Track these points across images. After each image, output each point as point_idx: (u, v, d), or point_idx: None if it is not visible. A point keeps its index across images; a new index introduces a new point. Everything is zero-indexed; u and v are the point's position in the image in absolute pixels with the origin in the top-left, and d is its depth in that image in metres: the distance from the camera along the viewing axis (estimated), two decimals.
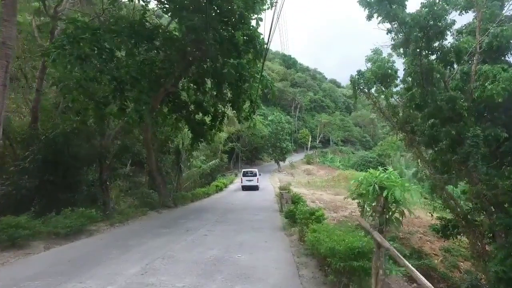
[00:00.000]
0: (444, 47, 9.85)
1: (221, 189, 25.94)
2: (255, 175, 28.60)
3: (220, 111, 14.95)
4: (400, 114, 12.67)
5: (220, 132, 16.23)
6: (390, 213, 4.25)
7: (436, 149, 12.20)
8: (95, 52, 8.91)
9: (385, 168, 4.82)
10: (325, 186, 33.42)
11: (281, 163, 51.33)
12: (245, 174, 28.85)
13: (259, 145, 51.80)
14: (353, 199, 14.93)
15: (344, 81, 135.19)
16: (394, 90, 13.29)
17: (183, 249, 7.17)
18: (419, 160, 13.66)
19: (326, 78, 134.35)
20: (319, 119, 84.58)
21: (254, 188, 27.65)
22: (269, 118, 52.44)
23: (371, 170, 4.56)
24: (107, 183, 21.94)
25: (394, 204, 4.12)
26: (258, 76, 11.72)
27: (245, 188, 27.71)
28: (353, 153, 78.46)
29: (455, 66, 11.25)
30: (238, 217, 12.26)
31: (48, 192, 11.43)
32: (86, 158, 15.87)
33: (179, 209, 14.03)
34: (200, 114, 15.52)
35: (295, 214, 9.59)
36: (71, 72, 8.81)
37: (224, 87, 13.73)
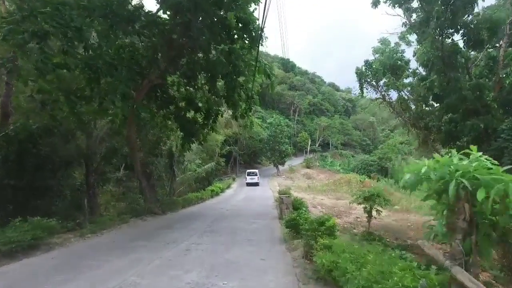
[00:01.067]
0: (472, 22, 8.35)
1: (217, 194, 24.37)
2: (256, 174, 37.94)
3: (213, 108, 13.45)
4: (413, 109, 11.21)
5: (213, 132, 14.73)
6: (482, 232, 2.59)
7: (453, 146, 10.70)
8: (58, 29, 7.40)
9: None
10: (326, 190, 31.85)
11: (280, 167, 49.78)
12: (249, 174, 38.07)
13: (257, 149, 50.30)
14: (359, 203, 13.26)
15: (343, 85, 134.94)
16: (406, 81, 11.85)
17: (153, 272, 5.54)
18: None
19: (325, 82, 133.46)
20: (318, 123, 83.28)
21: (255, 184, 35.98)
22: (268, 121, 51.01)
23: (436, 155, 2.93)
24: (95, 188, 20.49)
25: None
26: (254, 64, 10.19)
27: (249, 184, 36.26)
28: (353, 157, 77.09)
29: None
30: (232, 225, 10.78)
31: (10, 198, 9.84)
32: (65, 160, 14.33)
33: (166, 217, 12.45)
34: (192, 112, 14.01)
35: (298, 223, 8.11)
36: (28, 54, 7.31)
37: (217, 81, 12.23)
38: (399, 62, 12.21)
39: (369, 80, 11.87)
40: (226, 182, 34.25)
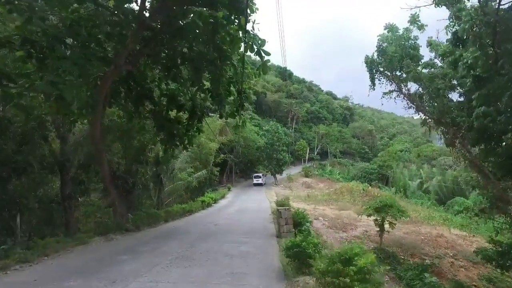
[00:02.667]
0: None
1: (209, 205, 22.31)
2: (261, 177, 45.34)
3: (199, 106, 11.59)
4: (437, 100, 9.39)
5: (199, 133, 12.82)
6: None
7: (488, 146, 8.83)
8: None
9: None
10: (327, 200, 29.89)
11: (278, 176, 47.80)
12: (255, 177, 45.65)
13: (254, 157, 48.34)
14: (369, 215, 11.29)
15: (340, 93, 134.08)
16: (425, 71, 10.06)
17: None
18: (465, 162, 10.23)
19: (323, 90, 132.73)
20: (316, 130, 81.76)
21: (261, 185, 43.77)
22: (264, 128, 49.23)
23: None
24: (71, 199, 18.41)
25: None
26: (240, 38, 8.32)
27: (255, 184, 44.53)
28: (352, 165, 75.40)
29: None
30: (215, 247, 8.58)
31: None
32: (24, 167, 12.36)
33: (139, 235, 10.19)
34: (175, 112, 12.14)
35: (305, 253, 5.97)
36: None
37: (202, 73, 10.38)
38: (411, 51, 10.48)
39: (381, 69, 10.11)
40: (220, 192, 32.18)
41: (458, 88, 8.82)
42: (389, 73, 10.09)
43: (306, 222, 9.65)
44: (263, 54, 6.58)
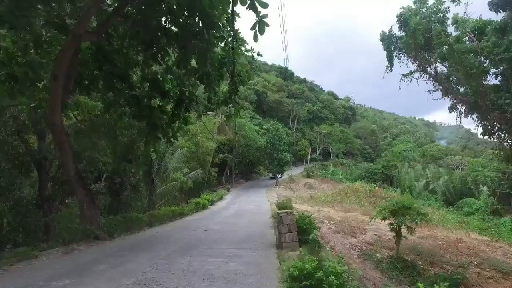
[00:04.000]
0: None
1: (204, 207, 20.62)
2: (277, 176, 46.27)
3: (186, 92, 9.95)
4: (473, 80, 7.70)
5: (186, 125, 11.12)
6: None
7: None
8: None
9: None
10: (331, 202, 28.16)
11: (279, 176, 46.06)
12: (271, 178, 48.55)
13: (254, 157, 46.63)
14: (383, 219, 9.48)
15: (342, 95, 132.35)
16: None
17: None
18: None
19: (324, 90, 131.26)
20: (318, 130, 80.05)
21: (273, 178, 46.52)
22: (264, 127, 47.54)
23: None
24: (52, 202, 16.79)
25: None
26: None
27: (271, 178, 47.65)
28: (354, 166, 73.69)
29: None
30: (195, 264, 6.57)
31: None
32: None
33: (109, 244, 8.25)
34: (161, 100, 10.49)
35: None
36: None
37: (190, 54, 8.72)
38: (438, 25, 8.81)
39: (401, 45, 8.44)
40: (218, 193, 30.47)
41: (503, 65, 7.14)
42: (411, 49, 8.39)
43: (313, 230, 7.94)
44: (258, 7, 4.96)
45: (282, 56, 79.20)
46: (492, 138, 9.25)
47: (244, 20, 7.93)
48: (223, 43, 8.57)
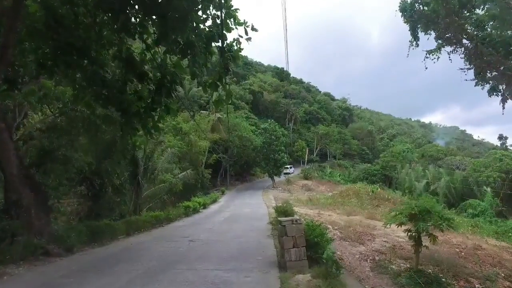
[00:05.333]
0: None
1: (195, 211, 18.89)
2: (291, 167, 56.25)
3: (168, 75, 8.23)
4: None
5: (168, 113, 9.34)
6: None
7: None
8: None
9: None
10: (332, 204, 26.56)
11: (275, 178, 44.38)
12: (285, 168, 48.93)
13: (250, 158, 44.91)
14: (398, 225, 8.15)
15: (338, 95, 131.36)
16: None
17: None
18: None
19: (320, 91, 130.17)
20: (315, 131, 78.62)
21: (290, 173, 53.32)
22: (261, 126, 45.85)
23: None
24: (20, 207, 14.99)
25: None
26: None
27: (285, 174, 49.93)
28: (352, 167, 72.40)
29: None
30: None
31: None
32: None
33: (61, 263, 6.22)
34: (139, 83, 8.76)
35: None
36: None
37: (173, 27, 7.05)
38: None
39: (428, 13, 6.85)
40: (212, 195, 28.76)
41: None
42: (442, 17, 6.80)
43: (326, 243, 6.21)
44: None
45: (279, 57, 78.12)
46: None
47: None
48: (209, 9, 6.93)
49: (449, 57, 8.11)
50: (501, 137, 76.82)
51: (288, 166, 53.64)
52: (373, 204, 25.82)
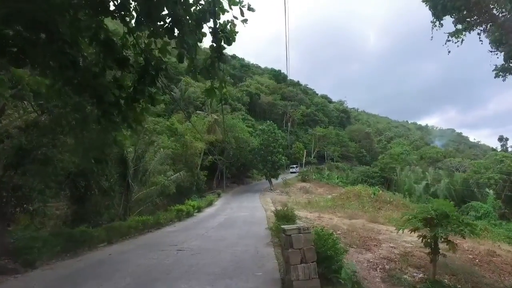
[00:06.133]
0: None
1: (189, 215, 17.81)
2: (297, 166, 62.34)
3: (154, 61, 7.20)
4: None
5: (154, 105, 8.28)
6: None
7: None
8: None
9: None
10: (332, 207, 25.58)
11: (273, 180, 43.32)
12: (291, 167, 60.53)
13: (247, 160, 43.84)
14: (412, 230, 7.17)
15: (335, 98, 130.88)
16: None
17: None
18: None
19: (317, 94, 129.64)
20: (313, 133, 77.77)
21: (296, 172, 58.14)
22: (259, 127, 44.82)
23: None
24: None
25: None
26: None
27: (292, 172, 58.75)
28: (349, 169, 71.58)
29: None
30: None
31: None
32: None
33: (12, 283, 5.41)
34: (119, 71, 7.72)
35: None
36: None
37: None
38: None
39: None
40: (207, 198, 27.64)
41: None
42: None
43: (339, 255, 5.17)
44: None
45: (276, 60, 77.35)
46: None
47: None
48: None
49: (479, 37, 7.15)
50: (501, 139, 76.43)
51: (294, 165, 61.69)
52: (374, 207, 24.86)
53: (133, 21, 7.32)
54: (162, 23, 6.65)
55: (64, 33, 6.58)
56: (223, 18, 6.99)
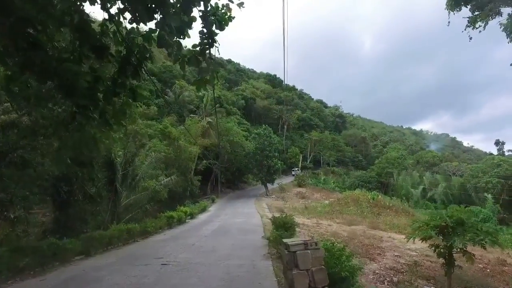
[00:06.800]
0: None
1: (180, 222, 16.85)
2: (298, 169, 63.64)
3: (137, 50, 6.37)
4: None
5: (136, 100, 7.37)
6: None
7: None
8: None
9: None
10: (329, 213, 24.78)
11: (269, 185, 42.40)
12: (293, 170, 63.32)
13: (242, 165, 42.93)
14: (423, 239, 6.26)
15: (331, 103, 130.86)
16: None
17: None
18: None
19: (313, 99, 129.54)
20: (309, 137, 77.19)
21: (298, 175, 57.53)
22: (255, 131, 43.99)
23: None
24: None
25: None
26: None
27: (293, 175, 59.25)
28: (345, 174, 71.00)
29: None
30: None
31: None
32: None
33: None
34: (97, 60, 6.86)
35: None
36: None
37: None
38: None
39: None
40: (201, 204, 26.64)
41: None
42: None
43: (354, 275, 4.34)
44: None
45: (271, 65, 77.00)
46: None
47: None
48: None
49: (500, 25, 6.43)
50: (497, 143, 76.51)
51: (295, 168, 64.44)
52: (373, 212, 24.10)
53: (115, 7, 6.49)
54: (145, 5, 5.84)
55: (21, 8, 5.69)
56: (215, 0, 6.19)
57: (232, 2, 6.11)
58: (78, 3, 6.10)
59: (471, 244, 7.06)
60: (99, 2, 5.91)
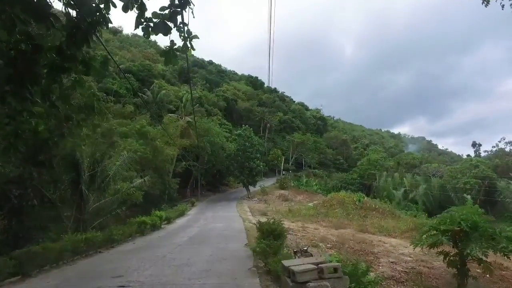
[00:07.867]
0: None
1: (153, 228, 15.26)
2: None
3: (87, 13, 4.97)
4: None
5: (89, 74, 5.90)
6: None
7: None
8: None
9: None
10: (314, 215, 23.81)
11: (251, 188, 41.15)
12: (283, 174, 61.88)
13: (223, 166, 41.48)
14: (431, 246, 4.84)
15: (312, 106, 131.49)
16: None
17: None
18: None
19: (294, 101, 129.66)
20: (291, 139, 76.62)
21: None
22: (236, 132, 42.69)
23: None
24: None
25: None
26: None
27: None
28: (327, 177, 70.91)
29: None
30: None
31: None
32: None
33: None
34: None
35: None
36: None
37: None
38: None
39: None
40: (179, 208, 25.00)
41: None
42: None
43: None
44: None
45: (253, 70, 76.25)
46: None
47: None
48: None
49: None
50: (474, 144, 78.80)
51: (284, 172, 65.65)
52: (360, 215, 23.33)
53: None
54: None
55: None
56: None
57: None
58: None
59: (490, 252, 6.07)
60: None
